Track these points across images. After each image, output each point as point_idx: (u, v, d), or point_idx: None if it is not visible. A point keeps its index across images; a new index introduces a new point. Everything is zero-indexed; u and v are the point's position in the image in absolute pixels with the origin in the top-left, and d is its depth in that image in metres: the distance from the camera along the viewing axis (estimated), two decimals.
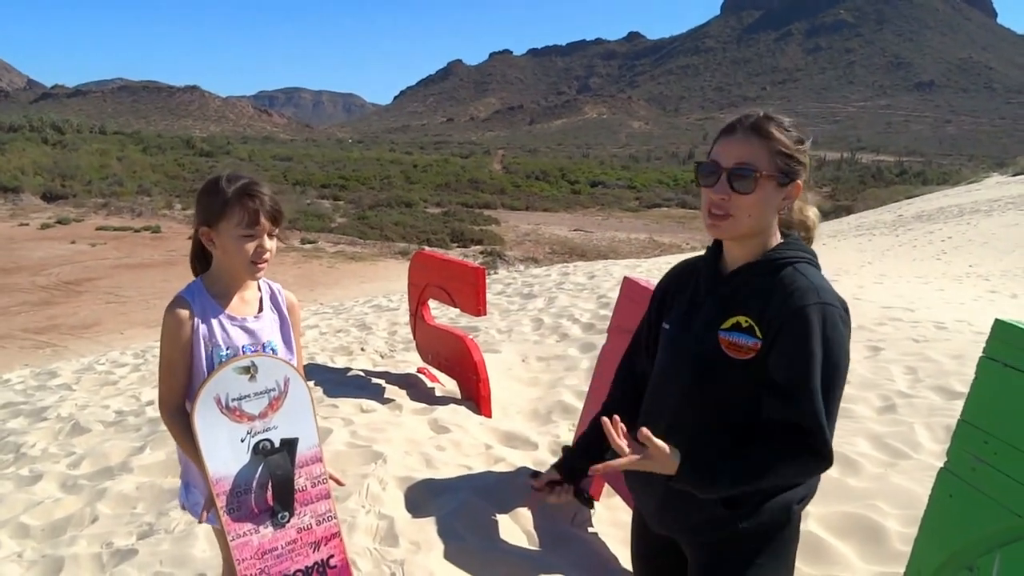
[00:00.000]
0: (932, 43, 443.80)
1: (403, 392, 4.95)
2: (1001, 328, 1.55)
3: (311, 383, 5.17)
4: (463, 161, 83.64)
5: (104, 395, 6.01)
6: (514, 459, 3.89)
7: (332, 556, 2.14)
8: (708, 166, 1.64)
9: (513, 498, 3.35)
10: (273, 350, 2.11)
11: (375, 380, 5.25)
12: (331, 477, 2.19)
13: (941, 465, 1.67)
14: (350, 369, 5.67)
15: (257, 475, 2.02)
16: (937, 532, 1.67)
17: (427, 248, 24.11)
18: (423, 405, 4.69)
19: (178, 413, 2.02)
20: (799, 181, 1.65)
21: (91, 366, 7.71)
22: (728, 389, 1.63)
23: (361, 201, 45.22)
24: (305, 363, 5.95)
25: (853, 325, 1.69)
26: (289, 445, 2.07)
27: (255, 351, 2.07)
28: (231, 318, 2.06)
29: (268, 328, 2.13)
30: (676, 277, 1.89)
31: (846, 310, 1.60)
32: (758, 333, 1.59)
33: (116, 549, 3.11)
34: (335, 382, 5.19)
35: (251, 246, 1.98)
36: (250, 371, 2.00)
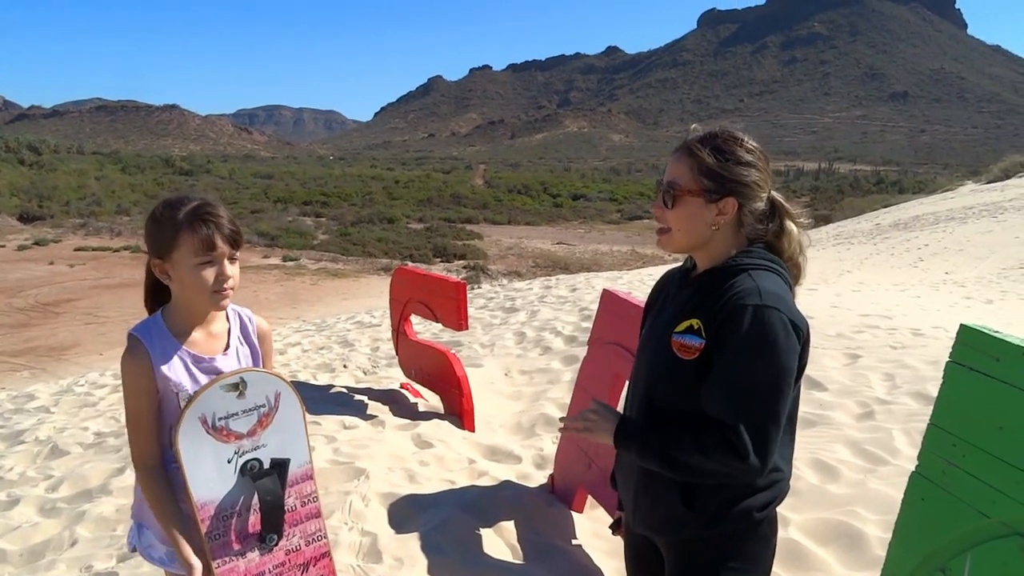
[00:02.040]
0: (905, 54, 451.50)
1: (386, 408, 4.94)
2: (966, 333, 1.58)
3: None
4: (445, 176, 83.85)
5: (83, 417, 5.94)
6: (497, 473, 3.89)
7: None
8: (658, 183, 1.77)
9: (497, 512, 3.35)
10: None
11: (358, 396, 5.23)
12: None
13: None
14: (332, 386, 5.65)
15: (244, 498, 1.92)
16: (910, 535, 1.69)
17: (410, 264, 24.11)
18: (406, 420, 4.69)
19: (153, 472, 1.82)
20: (732, 198, 1.68)
21: (70, 388, 7.62)
22: (678, 391, 1.68)
23: (343, 218, 45.16)
24: (287, 379, 5.94)
25: (832, 333, 1.74)
26: (280, 467, 1.97)
27: None
28: (197, 358, 1.86)
29: (233, 367, 1.94)
30: (658, 287, 1.97)
31: (793, 315, 1.61)
32: (703, 334, 1.64)
33: (96, 572, 3.08)
34: (317, 399, 5.16)
35: (210, 274, 1.77)
36: (239, 387, 1.88)
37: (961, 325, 1.61)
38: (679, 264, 1.95)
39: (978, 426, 1.53)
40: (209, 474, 1.85)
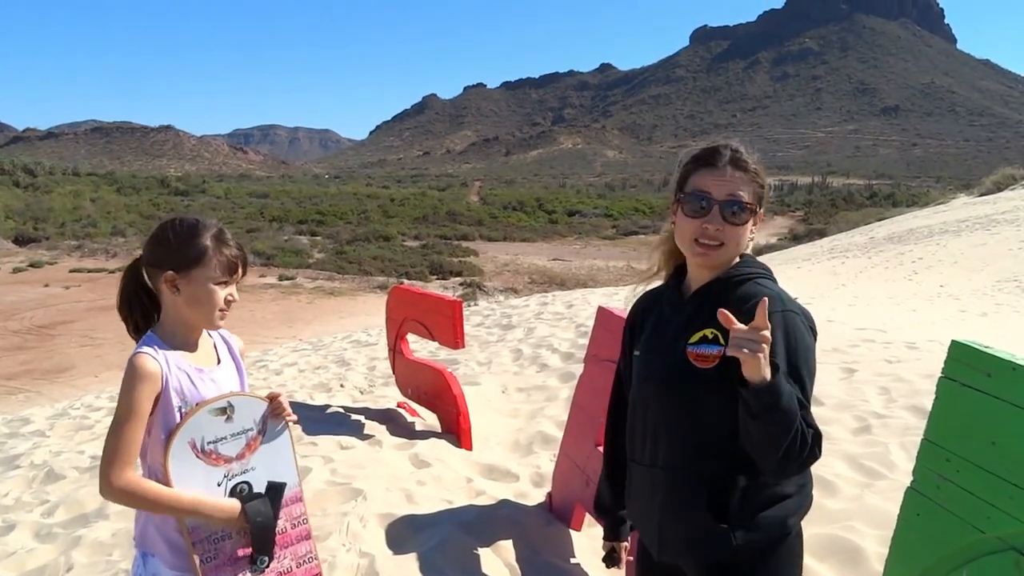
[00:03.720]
0: (896, 69, 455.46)
1: (383, 427, 4.93)
2: (957, 349, 1.60)
3: None
4: (440, 194, 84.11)
5: (79, 440, 5.92)
6: (495, 492, 3.88)
7: None
8: (697, 197, 1.71)
9: (495, 531, 3.34)
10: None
11: (354, 416, 5.22)
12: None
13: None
14: (329, 406, 5.64)
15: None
16: (907, 551, 1.70)
17: (406, 281, 24.13)
18: (403, 440, 4.68)
19: (135, 475, 1.85)
20: (761, 211, 1.76)
21: (65, 411, 7.59)
22: (697, 403, 1.68)
23: (339, 236, 45.22)
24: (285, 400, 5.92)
25: (828, 348, 1.78)
26: (275, 491, 2.00)
27: None
28: (199, 370, 1.93)
29: (229, 378, 2.01)
30: (642, 306, 1.96)
31: (808, 316, 1.69)
32: (722, 341, 1.64)
33: None
34: (314, 419, 5.15)
35: (222, 294, 1.90)
36: (226, 412, 1.93)
37: (952, 341, 1.62)
38: (653, 287, 1.96)
39: (971, 441, 1.55)
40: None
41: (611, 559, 2.13)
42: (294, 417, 2.08)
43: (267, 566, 1.99)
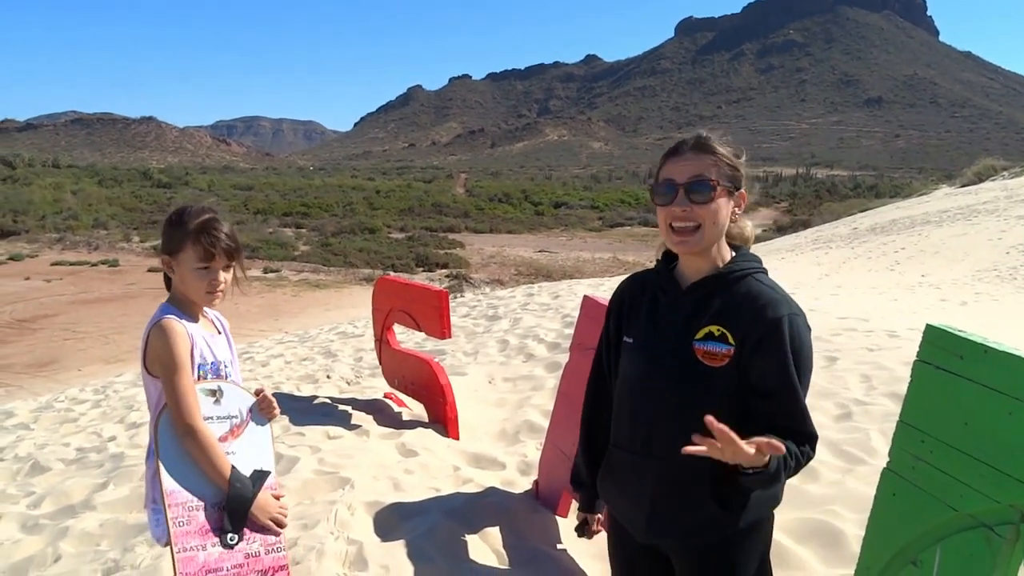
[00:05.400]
0: (879, 61, 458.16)
1: (370, 417, 4.95)
2: (932, 332, 1.64)
3: None
4: (426, 186, 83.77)
5: (64, 433, 5.89)
6: (482, 480, 3.92)
7: None
8: (663, 185, 1.77)
9: (482, 518, 3.38)
10: (228, 372, 2.22)
11: (341, 407, 5.24)
12: (279, 514, 2.18)
13: None
14: (316, 397, 5.65)
15: (213, 494, 2.06)
16: (883, 530, 1.75)
17: (392, 273, 24.07)
18: (390, 430, 4.70)
19: (206, 428, 2.06)
20: (743, 190, 1.79)
21: (50, 404, 7.54)
22: (705, 398, 1.72)
23: (324, 228, 44.97)
24: (271, 392, 5.92)
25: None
26: (258, 476, 2.12)
27: (226, 367, 2.19)
28: (208, 335, 2.18)
29: (225, 347, 2.26)
30: (628, 292, 1.98)
31: (805, 316, 1.77)
32: (730, 340, 1.71)
33: None
34: (301, 410, 5.16)
35: (205, 278, 2.10)
36: (215, 394, 2.09)
37: (927, 325, 1.67)
38: (645, 268, 2.01)
39: (945, 422, 1.59)
40: (182, 464, 2.03)
41: (582, 529, 2.21)
42: (278, 412, 2.24)
43: (236, 544, 2.07)
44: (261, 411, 2.20)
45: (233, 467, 2.08)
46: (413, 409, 5.21)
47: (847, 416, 4.44)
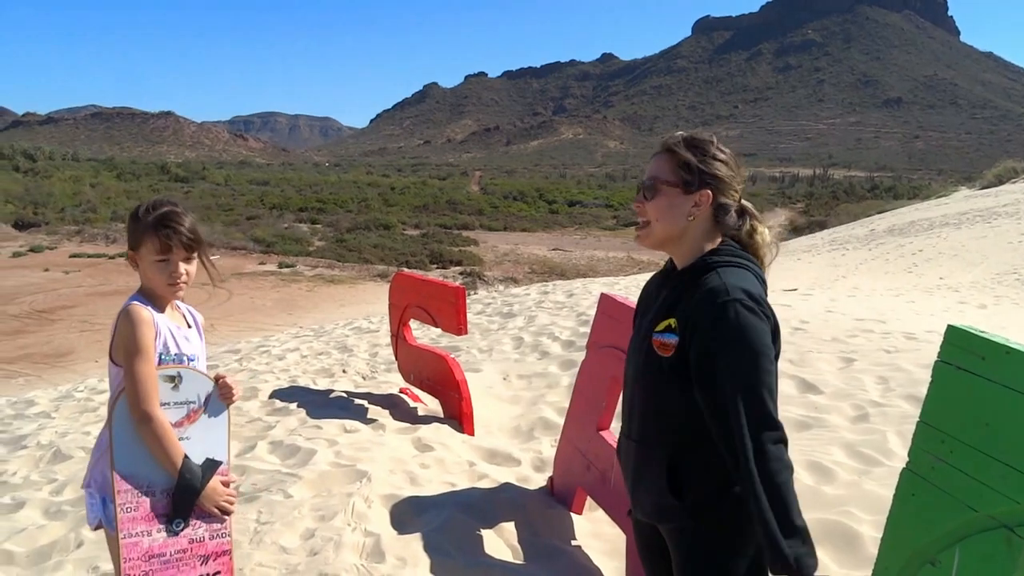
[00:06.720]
0: (898, 61, 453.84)
1: (386, 412, 4.98)
2: (953, 333, 1.64)
3: (294, 405, 5.19)
4: (441, 183, 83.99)
5: (84, 422, 5.97)
6: (497, 475, 3.94)
7: (219, 572, 2.21)
8: (639, 184, 1.88)
9: (497, 513, 3.40)
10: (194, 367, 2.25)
11: (357, 401, 5.27)
12: (225, 502, 2.21)
13: None
14: (332, 391, 5.69)
15: (162, 480, 2.10)
16: (901, 530, 1.75)
17: (406, 270, 24.14)
18: (406, 424, 4.73)
19: (163, 417, 2.07)
20: (708, 190, 1.80)
21: (69, 394, 7.64)
22: (658, 387, 1.80)
23: (339, 224, 45.19)
24: (287, 385, 5.97)
25: (827, 337, 1.84)
26: (210, 465, 2.16)
27: (193, 361, 2.21)
28: (176, 327, 2.20)
29: (195, 341, 2.27)
30: (646, 290, 2.05)
31: (759, 302, 1.69)
32: (676, 329, 1.75)
33: (103, 573, 3.12)
34: (318, 403, 5.21)
35: (165, 271, 2.12)
36: (174, 380, 2.12)
37: (949, 326, 1.67)
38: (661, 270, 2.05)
39: (965, 423, 1.60)
40: (134, 451, 2.06)
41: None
42: (238, 397, 2.28)
43: (181, 530, 2.13)
44: (221, 396, 2.23)
45: (185, 456, 2.10)
46: (428, 404, 5.24)
47: (864, 418, 4.43)
